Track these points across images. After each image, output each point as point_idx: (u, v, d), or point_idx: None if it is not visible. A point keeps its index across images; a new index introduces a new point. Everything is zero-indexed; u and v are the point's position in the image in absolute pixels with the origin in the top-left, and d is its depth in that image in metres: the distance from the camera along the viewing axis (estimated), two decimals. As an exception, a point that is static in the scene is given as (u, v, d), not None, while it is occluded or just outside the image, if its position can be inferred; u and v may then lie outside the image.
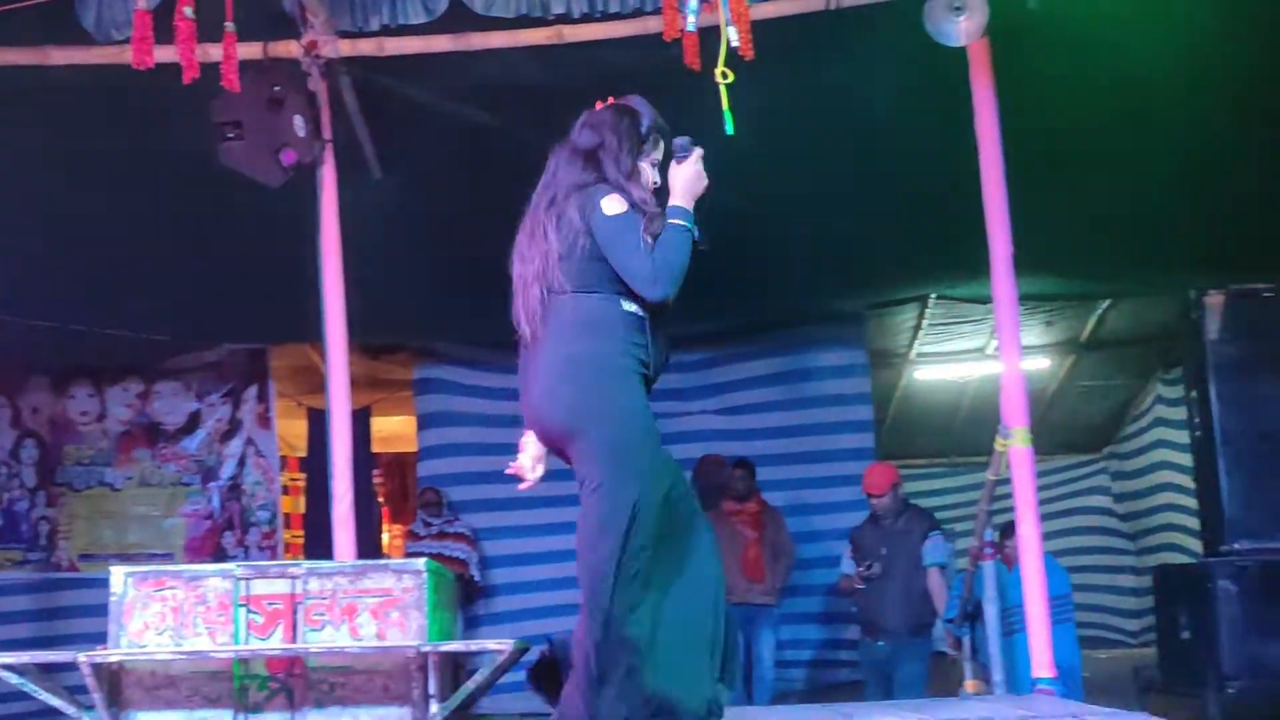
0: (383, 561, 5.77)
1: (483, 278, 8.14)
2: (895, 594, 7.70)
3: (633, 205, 3.88)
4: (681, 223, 3.90)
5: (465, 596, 9.45)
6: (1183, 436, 9.09)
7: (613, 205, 3.86)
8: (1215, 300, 7.13)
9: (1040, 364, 11.19)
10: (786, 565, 8.99)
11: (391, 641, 5.13)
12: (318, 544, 9.50)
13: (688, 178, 3.95)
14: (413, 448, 10.54)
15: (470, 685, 5.40)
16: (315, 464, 10.41)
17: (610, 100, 4.13)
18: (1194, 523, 8.54)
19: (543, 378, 3.98)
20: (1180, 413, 9.43)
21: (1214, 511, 7.16)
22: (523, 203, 7.11)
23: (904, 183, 7.04)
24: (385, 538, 13.10)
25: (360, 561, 5.54)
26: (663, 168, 4.06)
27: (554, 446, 4.07)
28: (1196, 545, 8.43)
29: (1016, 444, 5.79)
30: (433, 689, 5.10)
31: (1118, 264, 8.55)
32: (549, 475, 10.41)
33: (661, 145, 4.07)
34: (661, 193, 4.01)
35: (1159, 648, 8.11)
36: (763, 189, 6.90)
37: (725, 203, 7.15)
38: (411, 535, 9.74)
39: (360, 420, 9.14)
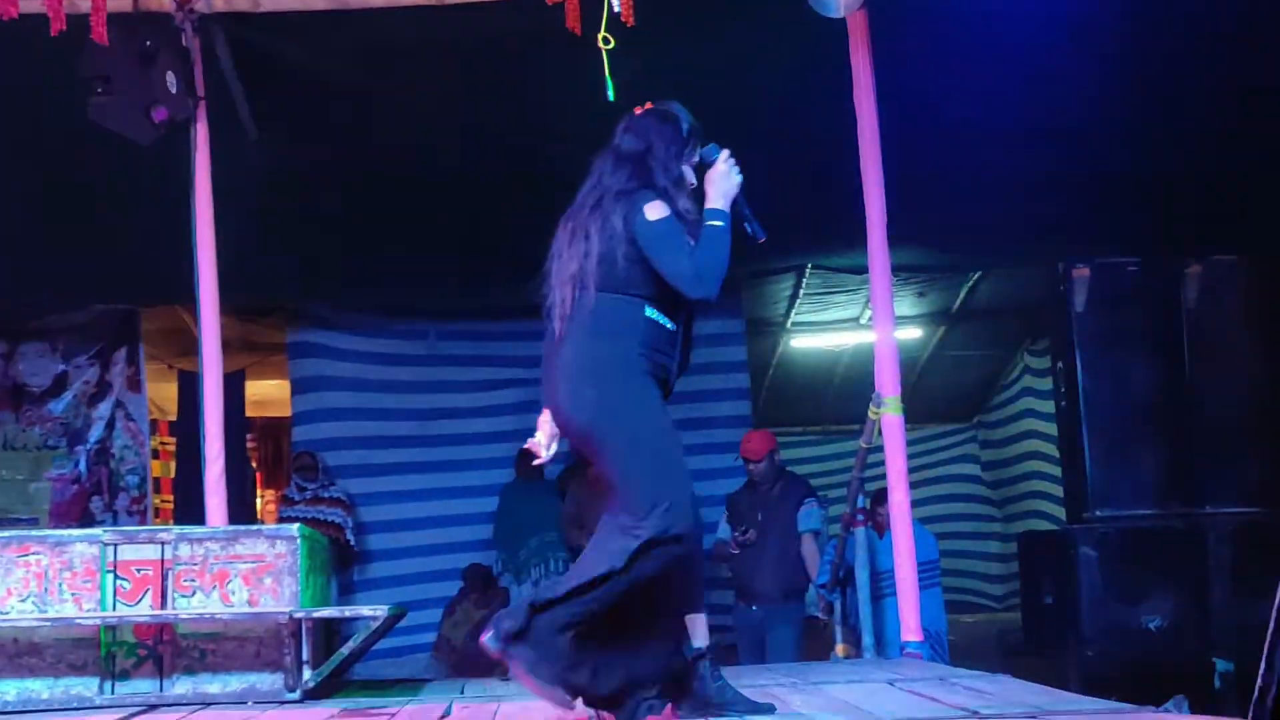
0: (256, 527, 5.71)
1: (359, 241, 8.15)
2: (769, 560, 7.79)
3: (675, 213, 3.97)
4: (719, 224, 4.02)
5: (341, 562, 9.38)
6: (1049, 406, 9.31)
7: (656, 211, 3.95)
8: (1082, 273, 7.31)
9: (912, 334, 11.38)
10: None
11: (264, 608, 5.09)
12: (189, 509, 9.36)
13: (719, 178, 4.07)
14: (287, 412, 10.41)
15: (344, 651, 5.38)
16: (186, 428, 10.25)
17: (649, 105, 4.22)
18: (1058, 491, 8.75)
19: (563, 376, 4.04)
20: (1047, 383, 9.67)
21: (1077, 480, 7.34)
22: (401, 164, 7.08)
23: (782, 153, 7.09)
24: (259, 503, 12.93)
25: (232, 527, 5.47)
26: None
27: (573, 441, 4.11)
28: (1060, 513, 8.64)
29: (889, 412, 5.90)
30: (306, 655, 5.07)
31: (989, 237, 8.70)
32: (425, 442, 10.41)
33: (698, 147, 4.17)
34: (697, 192, 4.12)
35: (1023, 612, 8.33)
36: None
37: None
38: (286, 500, 9.63)
39: (233, 384, 9.02)
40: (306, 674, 5.07)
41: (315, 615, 5.18)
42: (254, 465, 12.77)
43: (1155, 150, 7.21)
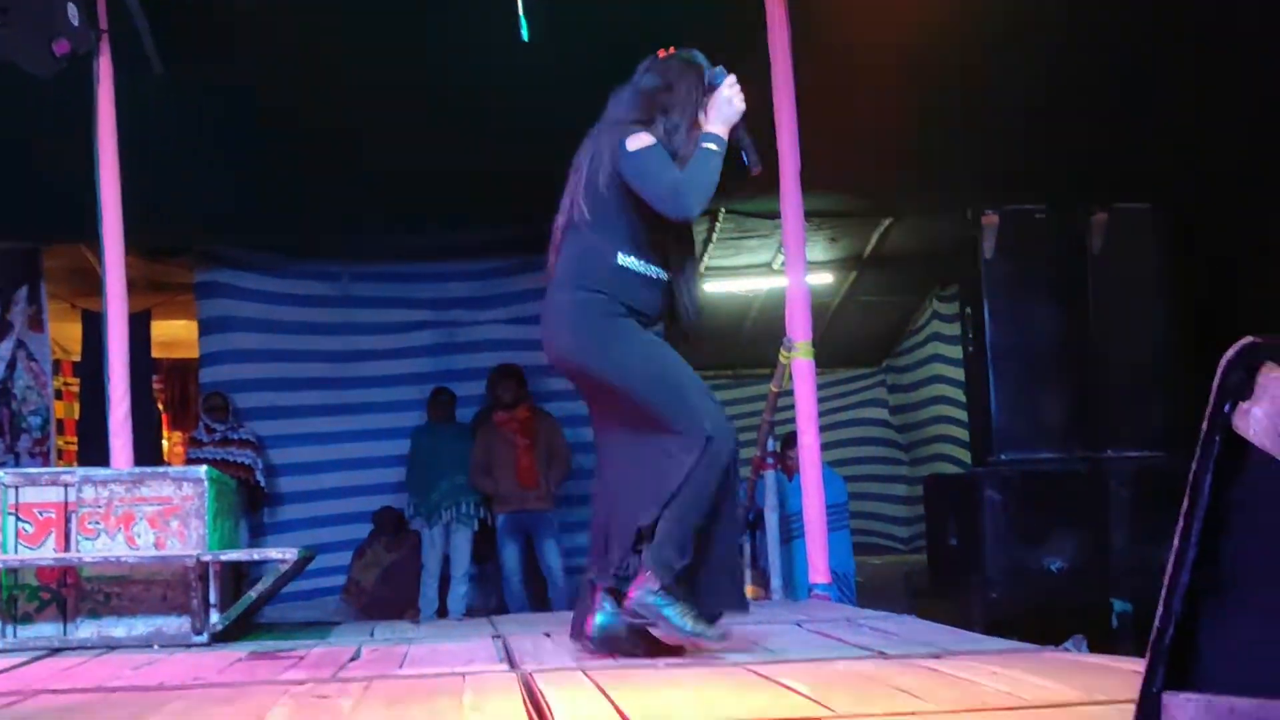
0: (162, 469, 5.63)
1: (268, 180, 8.03)
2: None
3: (660, 145, 3.98)
4: (712, 147, 3.99)
5: (251, 504, 9.32)
6: (956, 352, 9.43)
7: (638, 141, 3.97)
8: (991, 220, 7.39)
9: (824, 279, 11.45)
10: (562, 470, 9.09)
11: (170, 551, 5.04)
12: (93, 451, 9.21)
13: (721, 104, 4.05)
14: (195, 353, 10.27)
15: (252, 594, 5.34)
16: (90, 368, 10.07)
17: (671, 49, 4.22)
18: (964, 435, 8.88)
19: (548, 316, 4.11)
20: (955, 329, 9.78)
21: (983, 424, 7.46)
22: (312, 102, 6.95)
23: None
24: (165, 445, 12.76)
25: (138, 469, 5.39)
26: None
27: (571, 380, 4.15)
28: (966, 456, 8.78)
29: (799, 356, 5.95)
30: (214, 598, 5.04)
31: (900, 183, 8.76)
32: (336, 384, 10.30)
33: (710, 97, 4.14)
34: None
35: (928, 554, 8.44)
36: (554, 96, 6.86)
37: (522, 111, 7.16)
38: (194, 442, 9.52)
39: (139, 324, 8.88)
40: (214, 617, 5.04)
41: (223, 558, 5.14)
42: (160, 407, 12.59)
43: (1065, 101, 7.29)
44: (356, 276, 10.08)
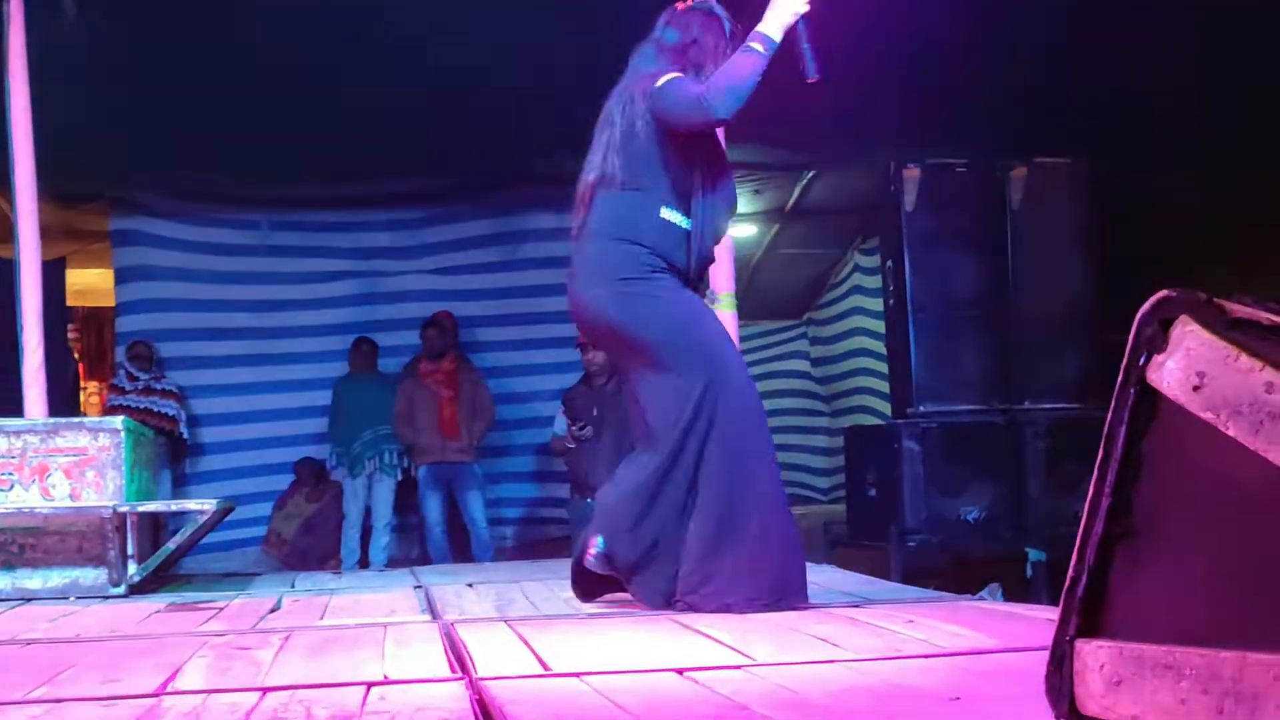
0: (77, 420, 5.57)
1: (185, 126, 7.89)
2: (605, 453, 7.86)
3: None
4: (758, 47, 3.83)
5: (174, 455, 9.23)
6: (877, 304, 9.49)
7: (668, 76, 3.90)
8: (912, 173, 7.44)
9: (747, 231, 11.47)
10: (484, 423, 9.09)
11: (86, 502, 4.98)
12: (6, 401, 9.07)
13: (782, 2, 3.88)
14: (111, 302, 10.11)
15: (170, 546, 5.31)
16: (3, 317, 9.87)
17: (689, 1, 4.10)
18: (885, 387, 8.96)
19: (577, 266, 4.00)
20: (876, 281, 9.83)
21: (902, 376, 7.53)
22: (230, 47, 6.82)
23: (621, 44, 7.03)
24: (81, 395, 12.57)
25: (52, 420, 5.31)
26: None
27: (592, 338, 4.07)
28: (886, 408, 8.85)
29: (722, 309, 5.96)
30: (131, 550, 4.99)
31: (823, 136, 8.78)
32: (257, 334, 10.21)
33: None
34: None
35: (847, 505, 8.53)
36: (481, 44, 6.80)
37: (448, 60, 7.07)
38: (115, 389, 9.36)
39: (53, 272, 8.70)
40: (131, 569, 5.00)
41: (140, 509, 5.10)
42: (76, 356, 12.39)
43: (986, 57, 7.32)
44: (277, 225, 9.96)
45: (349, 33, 6.81)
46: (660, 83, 3.90)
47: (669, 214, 3.92)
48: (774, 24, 3.87)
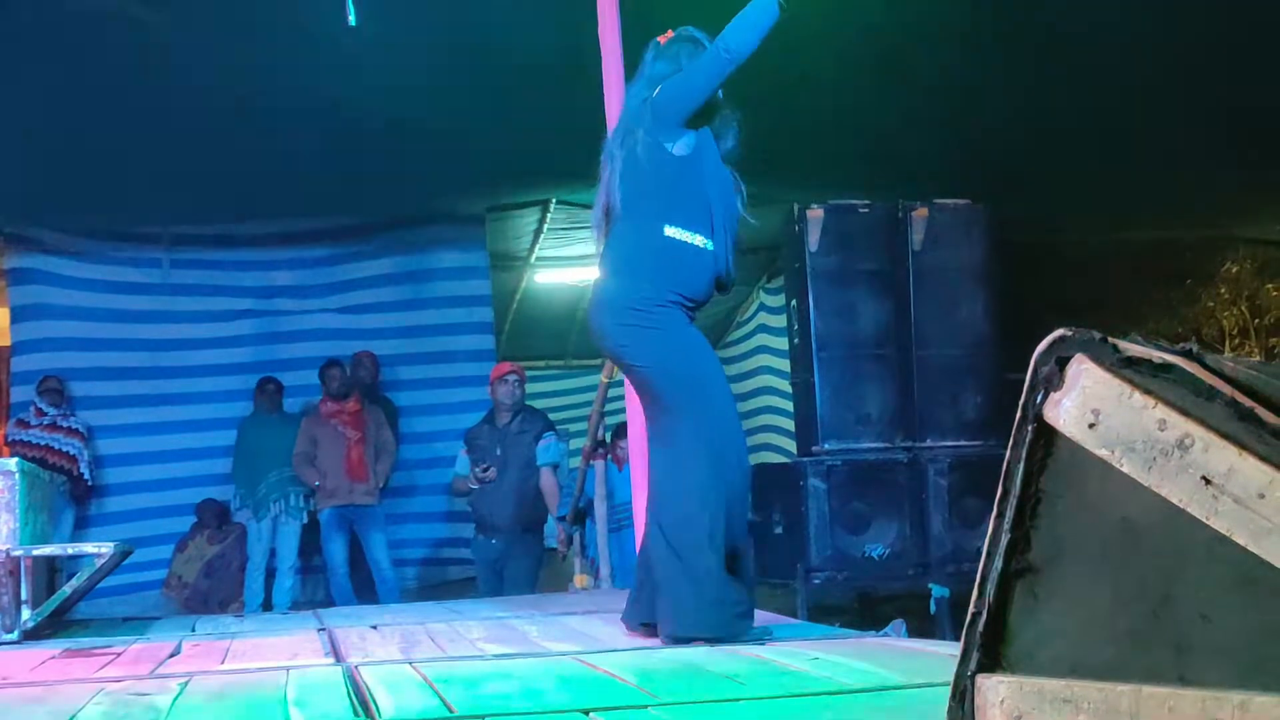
0: (-30, 461, 5.43)
1: (87, 164, 7.77)
2: (508, 493, 7.84)
3: None
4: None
5: (77, 495, 9.05)
6: (782, 343, 9.56)
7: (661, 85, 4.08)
8: (816, 214, 7.50)
9: (654, 270, 11.51)
10: (388, 463, 9.03)
11: (-21, 545, 4.86)
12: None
13: None
14: (6, 341, 9.91)
15: (66, 590, 5.20)
16: (-105, 357, 9.66)
17: (670, 33, 4.27)
18: (790, 424, 9.01)
19: (595, 304, 4.19)
20: (781, 320, 9.91)
21: (807, 414, 7.57)
22: (131, 85, 6.73)
23: (527, 86, 7.06)
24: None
25: (-56, 461, 5.19)
26: None
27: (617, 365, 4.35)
28: (792, 446, 8.90)
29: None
30: (25, 594, 4.88)
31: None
32: (157, 374, 10.05)
33: None
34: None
35: (755, 541, 8.55)
36: (383, 82, 6.78)
37: (343, 96, 7.05)
38: (21, 423, 9.16)
39: (-54, 311, 8.55)
40: (25, 614, 4.88)
41: (35, 553, 4.98)
42: (-30, 396, 12.12)
43: (889, 100, 7.45)
44: (178, 264, 9.84)
45: (252, 72, 6.77)
46: (656, 91, 4.07)
47: (682, 234, 4.05)
48: None
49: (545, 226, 10.60)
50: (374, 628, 4.87)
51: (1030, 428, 1.71)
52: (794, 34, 6.64)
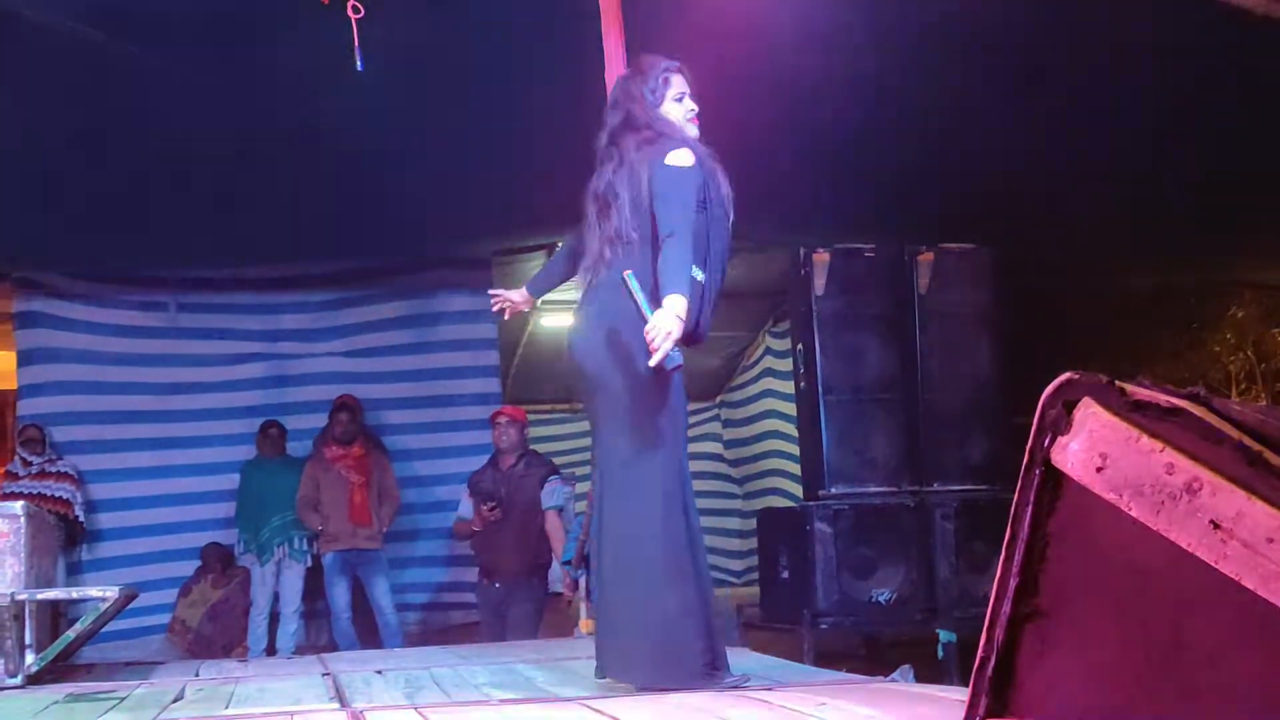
0: (-26, 505, 5.42)
1: (92, 207, 7.81)
2: (511, 537, 7.82)
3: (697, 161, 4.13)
4: (697, 277, 4.09)
5: (69, 539, 9.02)
6: (788, 387, 9.55)
7: (679, 158, 4.10)
8: (822, 258, 7.52)
9: (659, 314, 11.51)
10: (392, 508, 9.01)
11: (-16, 589, 4.85)
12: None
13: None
14: (13, 384, 9.92)
15: (70, 634, 5.18)
16: (-99, 401, 9.67)
17: (624, 70, 4.43)
18: (796, 469, 8.99)
19: (588, 319, 4.29)
20: (787, 364, 9.92)
21: (814, 458, 7.56)
22: (139, 128, 6.77)
23: (530, 129, 7.09)
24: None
25: (-50, 505, 5.19)
26: None
27: (586, 389, 4.28)
28: (798, 490, 8.89)
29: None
30: (29, 639, 4.86)
31: (736, 219, 8.86)
32: (162, 417, 10.05)
33: (676, 79, 4.34)
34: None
35: (761, 587, 8.53)
36: (391, 128, 6.82)
37: (358, 144, 7.09)
38: (10, 475, 9.16)
39: (-48, 355, 8.56)
40: (29, 658, 4.86)
41: (40, 597, 4.97)
42: (-24, 441, 12.13)
43: (894, 144, 7.47)
44: (185, 307, 9.86)
45: (260, 115, 6.80)
46: (670, 163, 4.11)
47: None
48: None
49: (551, 269, 10.60)
50: (379, 672, 4.85)
51: (1038, 471, 1.71)
52: (799, 81, 6.73)
